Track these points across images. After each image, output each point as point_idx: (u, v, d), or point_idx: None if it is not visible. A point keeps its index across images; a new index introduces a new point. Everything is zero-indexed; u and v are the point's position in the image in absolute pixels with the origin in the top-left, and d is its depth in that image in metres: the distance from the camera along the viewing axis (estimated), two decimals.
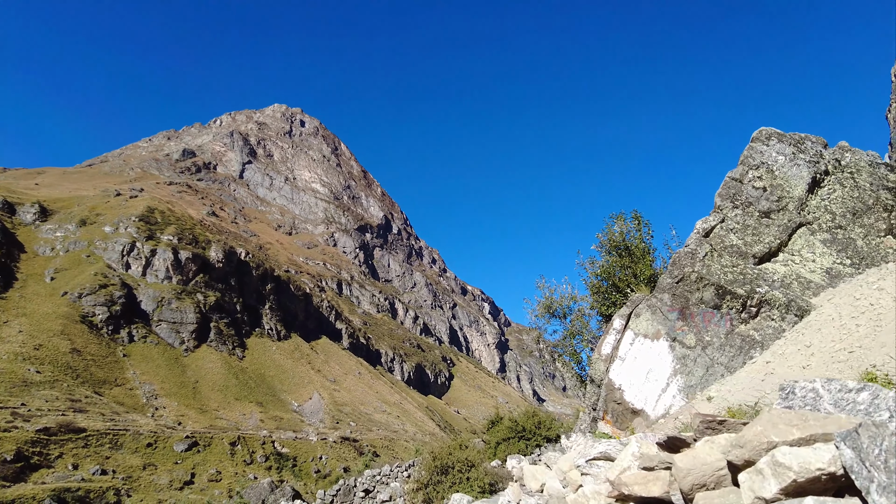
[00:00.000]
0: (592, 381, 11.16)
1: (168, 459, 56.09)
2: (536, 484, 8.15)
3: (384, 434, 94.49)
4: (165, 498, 47.42)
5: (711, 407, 8.26)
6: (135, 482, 48.46)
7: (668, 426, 8.79)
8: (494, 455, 25.69)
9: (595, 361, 11.21)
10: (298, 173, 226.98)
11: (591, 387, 11.26)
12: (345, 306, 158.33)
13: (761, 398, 7.47)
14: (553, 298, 19.00)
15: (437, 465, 18.34)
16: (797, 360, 8.13)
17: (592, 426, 11.14)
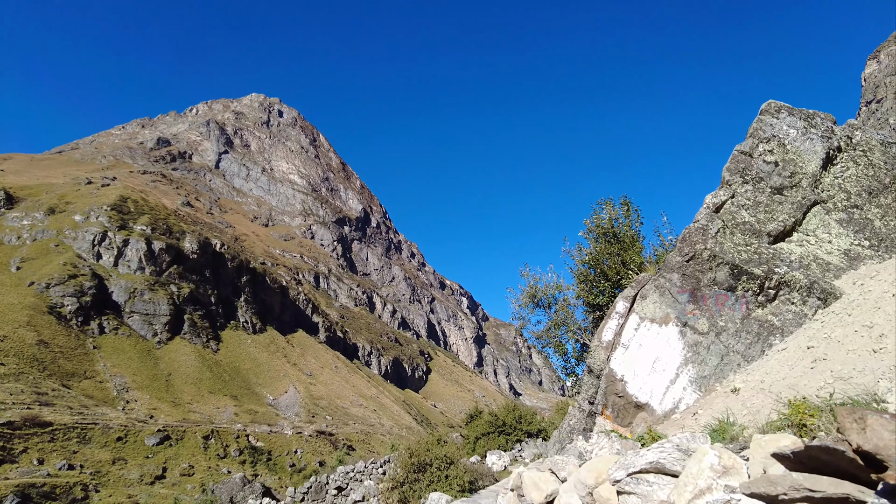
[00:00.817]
0: (591, 370, 9.94)
1: (139, 454, 54.96)
2: (540, 496, 7.03)
3: (360, 428, 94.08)
4: (135, 493, 46.43)
5: (739, 401, 7.23)
6: (103, 477, 47.37)
7: (684, 423, 7.86)
8: (473, 450, 25.34)
9: (594, 349, 10.09)
10: (276, 164, 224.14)
11: (588, 378, 10.01)
12: (322, 299, 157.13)
13: (822, 388, 6.21)
14: (537, 287, 18.01)
15: (414, 462, 17.57)
16: (860, 344, 6.88)
17: (588, 422, 10.19)
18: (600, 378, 9.47)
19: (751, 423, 6.20)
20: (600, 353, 9.78)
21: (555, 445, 11.69)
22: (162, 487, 49.12)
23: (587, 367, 9.59)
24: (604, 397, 9.00)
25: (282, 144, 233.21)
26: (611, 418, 8.63)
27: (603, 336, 10.01)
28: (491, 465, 21.37)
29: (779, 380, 7.11)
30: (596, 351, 9.95)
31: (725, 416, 6.74)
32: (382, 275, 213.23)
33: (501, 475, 20.17)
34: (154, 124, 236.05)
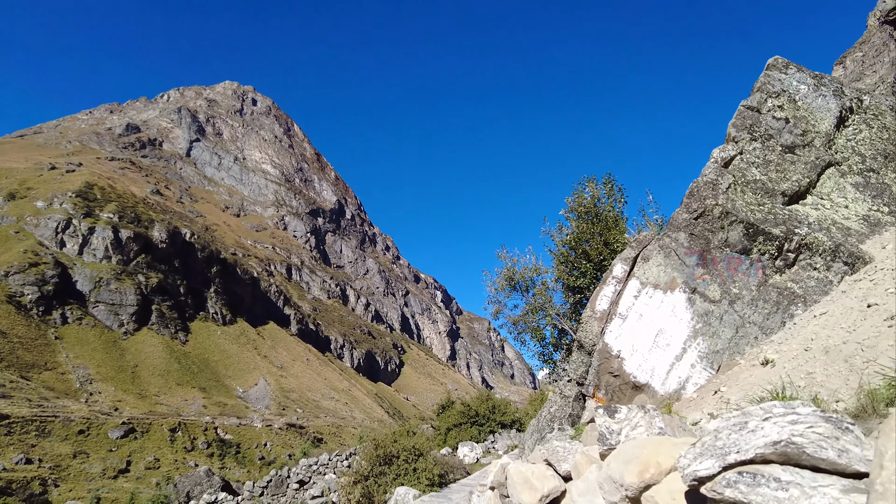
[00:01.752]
0: (581, 346, 8.60)
1: (102, 447, 53.58)
2: (533, 497, 5.43)
3: (332, 421, 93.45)
4: (97, 487, 45.19)
5: (777, 373, 5.89)
6: (63, 471, 46.00)
7: (702, 404, 6.54)
8: (444, 442, 24.64)
9: (585, 321, 8.69)
10: (249, 153, 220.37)
11: (577, 355, 8.67)
12: (294, 291, 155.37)
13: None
14: (515, 270, 17.09)
15: (380, 454, 16.81)
16: None
17: (574, 407, 9.10)
18: (592, 355, 8.12)
19: (825, 395, 4.85)
20: (593, 325, 8.44)
21: (532, 436, 10.71)
22: (125, 481, 48.01)
23: (577, 343, 8.29)
24: (596, 377, 7.71)
25: (255, 133, 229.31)
26: (603, 401, 7.30)
27: (597, 305, 8.57)
28: (462, 457, 20.96)
29: (838, 344, 5.87)
30: (588, 323, 8.60)
31: (770, 390, 5.30)
32: (356, 267, 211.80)
33: (473, 468, 19.72)
34: (123, 110, 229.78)
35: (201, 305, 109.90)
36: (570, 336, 15.89)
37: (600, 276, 13.25)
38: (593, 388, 6.99)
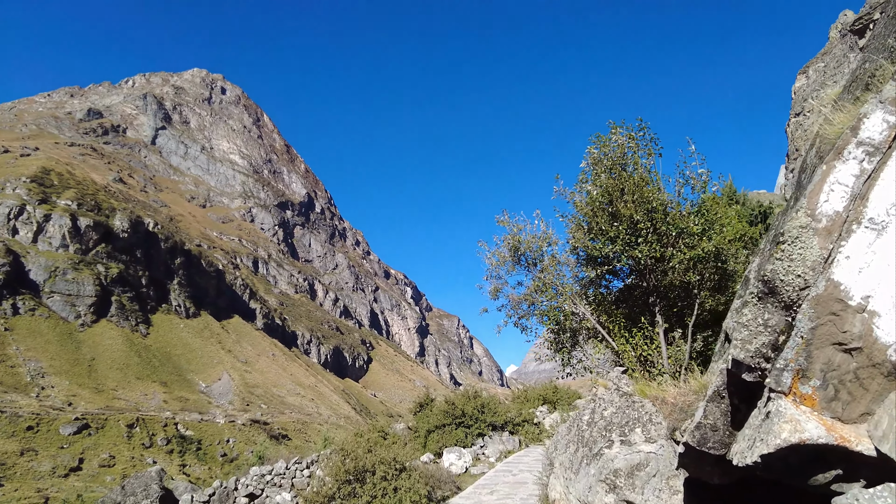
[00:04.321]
0: (769, 289, 4.07)
1: (52, 444, 51.56)
2: None
3: (297, 417, 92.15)
4: (46, 486, 43.45)
5: None
6: (9, 469, 44.05)
7: None
8: (424, 447, 21.76)
9: (790, 240, 4.03)
10: (216, 143, 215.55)
11: (756, 308, 4.13)
12: (260, 285, 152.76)
13: None
14: (520, 238, 13.83)
15: (350, 468, 13.72)
16: None
17: (715, 412, 4.51)
18: (794, 308, 4.00)
19: None
20: (809, 245, 3.98)
21: (568, 449, 8.25)
22: (77, 480, 46.27)
23: (760, 280, 4.13)
24: (804, 352, 3.70)
25: (223, 123, 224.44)
26: (815, 402, 3.66)
27: (818, 206, 4.03)
28: (449, 465, 18.62)
29: None
30: (793, 244, 4.04)
31: None
32: (325, 262, 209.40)
33: (463, 479, 17.55)
34: (85, 94, 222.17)
35: (164, 297, 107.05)
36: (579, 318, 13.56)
37: (634, 241, 11.27)
38: (792, 373, 3.65)
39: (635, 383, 8.11)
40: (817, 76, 75.58)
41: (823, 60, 76.36)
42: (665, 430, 6.10)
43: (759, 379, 3.81)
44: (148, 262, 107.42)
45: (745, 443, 3.80)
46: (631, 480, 5.54)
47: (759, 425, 3.65)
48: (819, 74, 75.63)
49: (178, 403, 78.19)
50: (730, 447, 4.05)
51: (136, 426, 61.89)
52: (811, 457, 3.43)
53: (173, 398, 79.26)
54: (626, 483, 5.42)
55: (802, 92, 75.88)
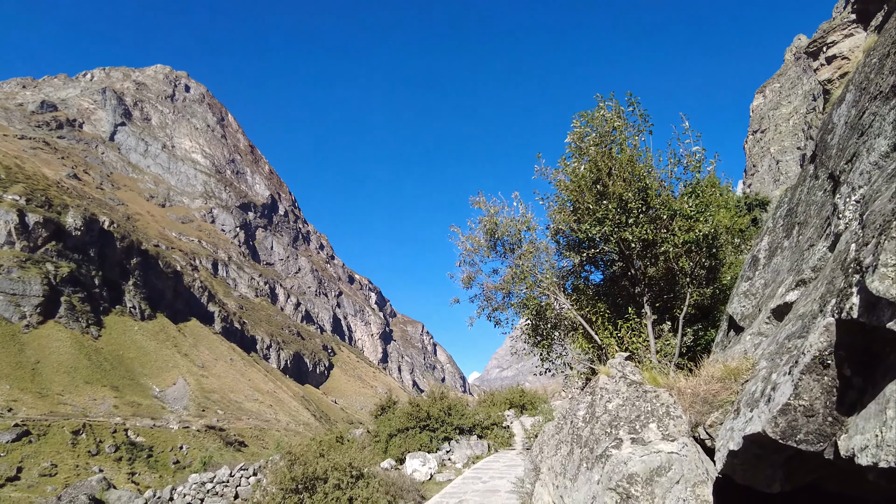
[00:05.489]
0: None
1: None
2: None
3: (255, 423, 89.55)
4: None
5: None
6: None
7: None
8: (385, 451, 20.68)
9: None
10: (178, 141, 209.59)
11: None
12: (220, 288, 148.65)
13: None
14: (497, 221, 12.63)
15: (299, 474, 12.15)
16: None
17: (817, 394, 3.24)
18: None
19: None
20: None
21: (559, 450, 7.35)
22: (14, 490, 43.50)
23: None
24: None
25: (186, 121, 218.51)
26: None
27: None
28: (412, 472, 17.43)
29: None
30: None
31: None
32: (287, 265, 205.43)
33: (427, 487, 16.42)
34: (38, 86, 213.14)
35: (118, 299, 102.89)
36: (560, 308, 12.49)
37: (624, 223, 10.43)
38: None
39: (643, 371, 7.31)
40: (773, 96, 77.95)
41: (779, 81, 78.94)
42: (686, 425, 5.16)
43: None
44: (102, 261, 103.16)
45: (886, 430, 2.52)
46: (650, 488, 4.57)
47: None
48: (775, 94, 78.04)
49: (130, 409, 74.95)
50: (831, 439, 3.05)
51: (83, 433, 58.89)
52: None
53: (124, 403, 75.94)
54: (643, 492, 4.42)
55: (760, 110, 77.89)
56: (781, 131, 75.45)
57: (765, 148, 78.48)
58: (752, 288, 8.64)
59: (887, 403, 2.48)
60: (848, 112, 6.32)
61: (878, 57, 5.91)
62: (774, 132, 76.81)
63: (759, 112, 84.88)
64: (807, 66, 67.82)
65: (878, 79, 5.52)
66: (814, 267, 5.62)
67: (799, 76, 74.42)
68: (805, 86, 73.55)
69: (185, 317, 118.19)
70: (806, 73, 71.34)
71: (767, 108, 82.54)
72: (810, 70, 60.57)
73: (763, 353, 5.37)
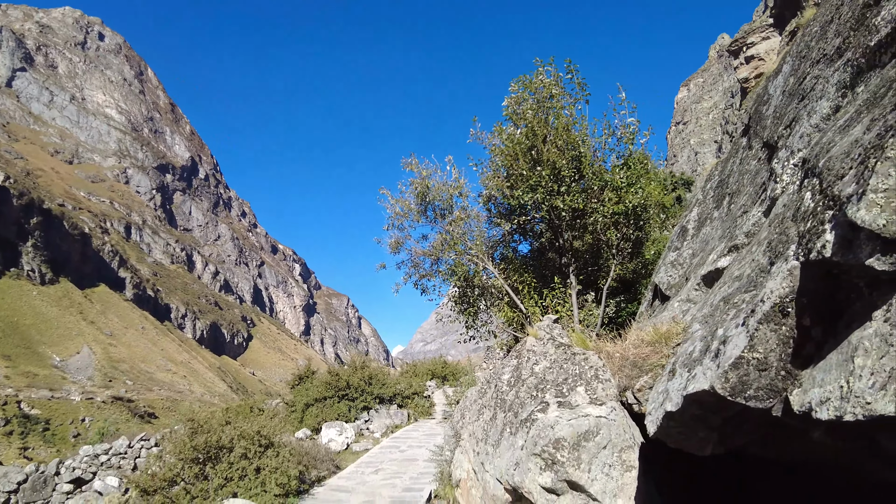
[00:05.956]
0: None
1: None
2: None
3: (166, 395, 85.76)
4: None
5: None
6: None
7: None
8: (301, 422, 20.18)
9: None
10: (90, 94, 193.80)
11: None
12: (132, 253, 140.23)
13: None
14: (429, 185, 12.16)
15: (201, 444, 11.32)
16: None
17: (773, 345, 2.93)
18: None
19: None
20: None
21: (482, 415, 6.91)
22: None
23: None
24: None
25: (100, 73, 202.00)
26: None
27: None
28: (328, 441, 17.14)
29: None
30: None
31: None
32: (207, 232, 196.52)
33: (344, 457, 16.21)
34: None
35: (13, 261, 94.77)
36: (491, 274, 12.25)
37: (557, 191, 10.33)
38: None
39: (571, 334, 7.12)
40: (696, 90, 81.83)
41: (703, 76, 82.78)
42: (615, 389, 5.10)
43: (891, 267, 2.15)
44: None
45: (859, 381, 2.24)
46: (577, 454, 4.44)
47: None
48: (698, 88, 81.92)
49: (24, 379, 69.70)
50: (781, 395, 2.81)
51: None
52: None
53: (18, 373, 70.52)
54: (570, 457, 4.41)
55: (683, 103, 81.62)
56: (702, 124, 79.18)
57: (685, 139, 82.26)
58: (679, 258, 8.69)
59: (854, 352, 2.26)
60: (785, 81, 6.29)
61: (819, 25, 5.90)
62: (695, 124, 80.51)
63: (682, 104, 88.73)
64: (728, 64, 71.29)
65: (820, 44, 5.52)
66: (747, 232, 5.60)
67: (720, 73, 78.15)
68: (725, 83, 77.40)
69: (93, 282, 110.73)
70: (727, 70, 75.02)
71: (690, 101, 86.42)
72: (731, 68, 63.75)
73: (695, 317, 5.32)
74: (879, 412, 1.99)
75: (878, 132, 2.32)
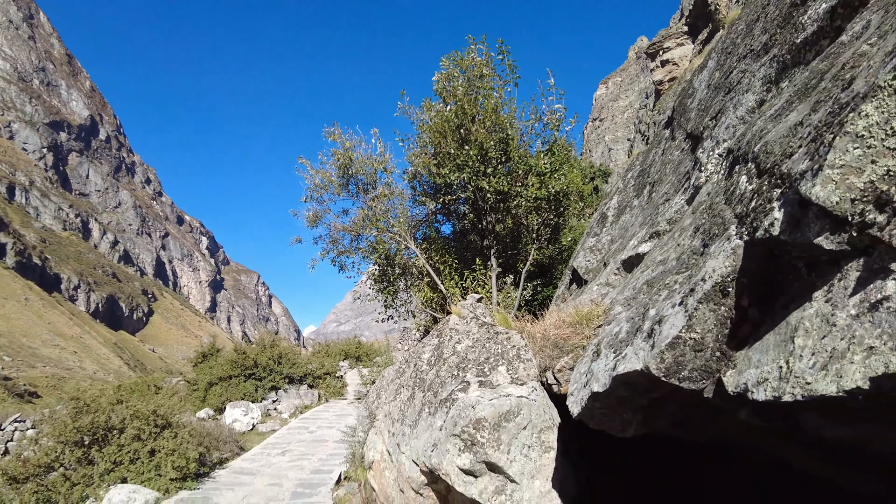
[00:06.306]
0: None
1: None
2: None
3: (53, 371, 79.35)
4: None
5: None
6: None
7: None
8: (204, 401, 19.30)
9: None
10: None
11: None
12: (16, 216, 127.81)
13: None
14: (352, 157, 11.63)
15: (86, 424, 10.25)
16: None
17: (711, 326, 2.94)
18: None
19: None
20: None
21: (399, 395, 6.70)
22: None
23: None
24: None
25: None
26: None
27: None
28: (232, 422, 16.45)
29: None
30: None
31: None
32: (106, 198, 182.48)
33: (249, 438, 15.52)
34: None
35: None
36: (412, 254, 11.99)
37: (483, 172, 10.30)
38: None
39: (495, 314, 7.05)
40: (614, 88, 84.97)
41: (621, 76, 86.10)
42: (536, 369, 5.09)
43: (839, 246, 2.14)
44: None
45: (795, 361, 2.26)
46: (497, 434, 4.35)
47: (852, 323, 2.03)
48: (616, 87, 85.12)
49: None
50: (714, 376, 2.80)
51: None
52: None
53: None
54: (490, 438, 4.34)
55: (601, 99, 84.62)
56: (617, 122, 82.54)
57: (601, 135, 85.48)
58: (598, 243, 8.83)
59: (794, 333, 2.25)
60: (710, 76, 6.44)
61: (745, 23, 6.07)
62: (611, 122, 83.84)
63: (600, 101, 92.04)
64: (645, 66, 74.67)
65: (747, 41, 5.68)
66: (670, 219, 5.69)
67: (638, 74, 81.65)
68: (641, 83, 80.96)
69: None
70: (643, 72, 78.52)
71: (608, 98, 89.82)
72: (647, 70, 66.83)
73: (616, 300, 5.36)
74: (820, 392, 1.98)
75: (828, 111, 2.33)
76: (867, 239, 1.96)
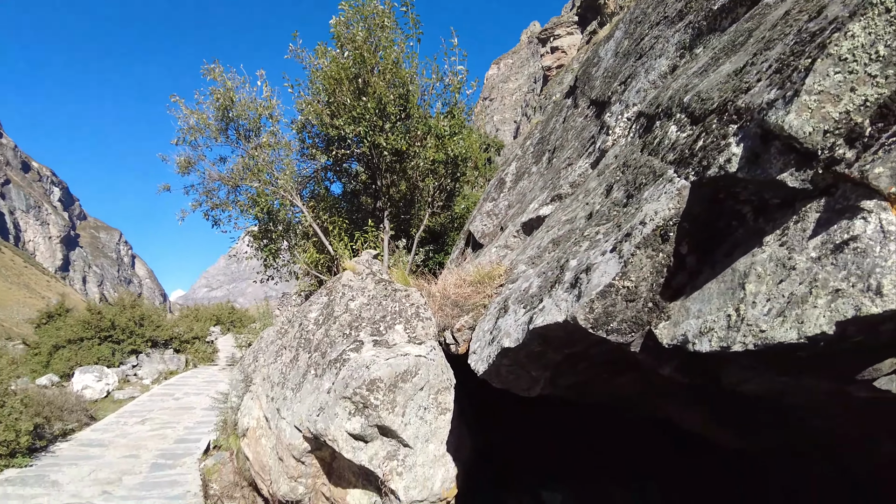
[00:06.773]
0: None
1: None
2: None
3: None
4: None
5: None
6: None
7: None
8: (47, 366, 17.37)
9: None
10: None
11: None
12: None
13: None
14: (234, 98, 10.42)
15: None
16: None
17: (647, 273, 2.75)
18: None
19: None
20: None
21: (276, 358, 6.12)
22: None
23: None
24: None
25: None
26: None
27: None
28: (81, 389, 14.88)
29: None
30: None
31: None
32: None
33: (102, 406, 14.11)
34: None
35: None
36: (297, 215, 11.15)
37: (381, 127, 9.67)
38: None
39: (393, 271, 6.63)
40: (506, 69, 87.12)
41: (513, 58, 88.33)
42: (435, 328, 4.85)
43: (803, 184, 1.99)
44: None
45: (738, 310, 2.15)
46: (392, 396, 4.05)
47: (812, 266, 1.89)
48: (508, 68, 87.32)
49: None
50: (644, 328, 2.64)
51: None
52: None
53: None
54: (384, 400, 4.04)
55: (492, 80, 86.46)
56: (506, 103, 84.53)
57: (490, 115, 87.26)
58: (496, 208, 8.80)
59: (745, 279, 2.11)
60: (618, 45, 6.47)
61: None
62: (500, 102, 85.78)
63: (491, 81, 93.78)
64: (535, 51, 76.89)
65: (659, 8, 5.75)
66: (573, 183, 5.69)
67: (528, 58, 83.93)
68: (531, 68, 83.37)
69: None
70: (534, 56, 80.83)
71: (499, 79, 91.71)
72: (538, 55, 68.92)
73: (519, 260, 5.31)
74: (778, 340, 1.85)
75: (795, 41, 2.20)
76: (830, 177, 1.85)
